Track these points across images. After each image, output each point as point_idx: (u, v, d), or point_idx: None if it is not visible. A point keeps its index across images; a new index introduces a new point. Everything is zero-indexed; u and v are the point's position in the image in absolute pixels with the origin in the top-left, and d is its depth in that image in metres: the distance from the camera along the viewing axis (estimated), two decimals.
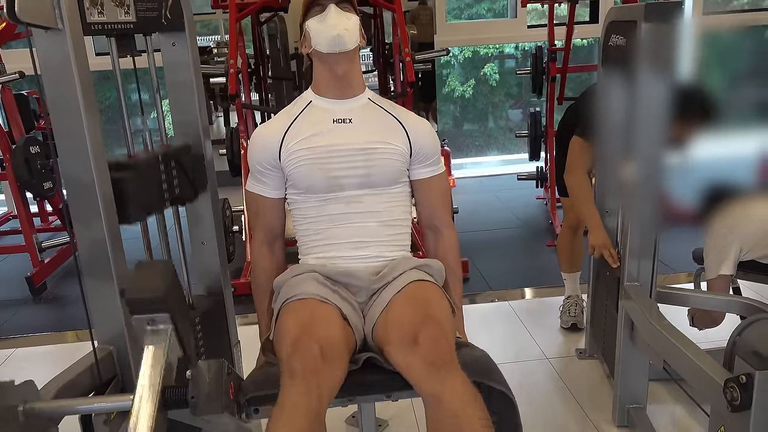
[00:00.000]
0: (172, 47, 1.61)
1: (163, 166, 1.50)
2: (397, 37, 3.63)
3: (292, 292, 1.43)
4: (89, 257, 1.33)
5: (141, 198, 1.40)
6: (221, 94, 4.03)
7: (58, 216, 4.08)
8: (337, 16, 1.48)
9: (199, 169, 1.64)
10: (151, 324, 1.07)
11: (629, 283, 1.84)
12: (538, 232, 4.01)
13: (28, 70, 3.41)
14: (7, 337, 2.94)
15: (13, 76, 3.23)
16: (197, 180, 1.63)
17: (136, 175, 1.39)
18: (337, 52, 1.48)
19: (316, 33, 1.49)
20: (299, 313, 1.35)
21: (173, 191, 1.54)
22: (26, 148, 3.12)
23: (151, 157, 1.47)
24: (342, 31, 1.47)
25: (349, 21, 1.49)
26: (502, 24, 5.68)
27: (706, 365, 1.38)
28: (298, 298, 1.40)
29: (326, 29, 1.47)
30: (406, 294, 1.40)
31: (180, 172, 1.55)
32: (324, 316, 1.35)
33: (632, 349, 1.88)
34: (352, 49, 1.50)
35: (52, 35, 1.21)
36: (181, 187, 1.56)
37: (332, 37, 1.47)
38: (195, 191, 1.63)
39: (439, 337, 1.25)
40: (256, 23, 4.25)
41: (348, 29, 1.48)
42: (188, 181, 1.59)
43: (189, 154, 1.60)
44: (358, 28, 1.52)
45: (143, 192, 1.41)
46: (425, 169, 1.59)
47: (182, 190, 1.57)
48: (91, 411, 1.18)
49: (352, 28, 1.49)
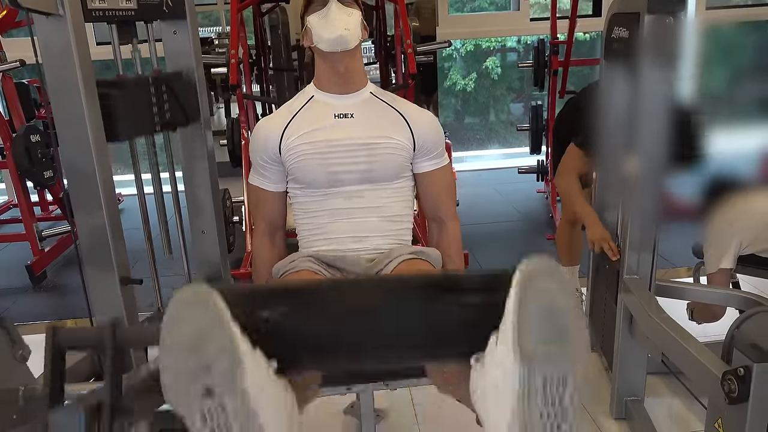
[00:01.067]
0: (174, 35, 1.60)
1: (154, 89, 1.48)
2: (399, 29, 3.61)
3: (288, 267, 1.46)
4: (90, 245, 1.34)
5: (130, 116, 1.38)
6: (222, 84, 4.01)
7: (58, 205, 4.08)
8: (338, 14, 1.46)
9: (190, 95, 1.61)
10: None
11: (629, 276, 1.84)
12: (539, 225, 4.01)
13: (28, 58, 3.39)
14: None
15: (14, 64, 3.22)
16: (188, 106, 1.59)
17: (125, 92, 1.37)
18: (339, 51, 1.48)
19: (318, 31, 1.48)
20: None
21: (164, 115, 1.51)
22: (27, 136, 3.11)
23: (142, 78, 1.46)
24: (343, 31, 1.46)
25: (350, 18, 1.47)
26: (505, 17, 5.66)
27: (704, 358, 1.39)
28: (293, 270, 1.43)
29: (327, 28, 1.46)
30: (399, 269, 1.41)
31: (171, 97, 1.53)
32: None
33: (631, 342, 1.88)
34: (353, 47, 1.49)
35: (53, 21, 1.20)
36: (172, 111, 1.54)
37: (334, 38, 1.46)
38: (186, 117, 1.59)
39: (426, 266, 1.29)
40: (257, 14, 4.23)
41: (349, 28, 1.47)
42: (179, 107, 1.55)
43: (180, 80, 1.58)
44: (360, 23, 1.50)
45: (132, 110, 1.40)
46: (429, 162, 1.59)
47: (173, 115, 1.54)
48: None
49: (354, 26, 1.48)
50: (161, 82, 1.49)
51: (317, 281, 1.16)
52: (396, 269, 1.42)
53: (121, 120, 1.34)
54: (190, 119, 1.60)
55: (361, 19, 1.51)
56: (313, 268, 1.42)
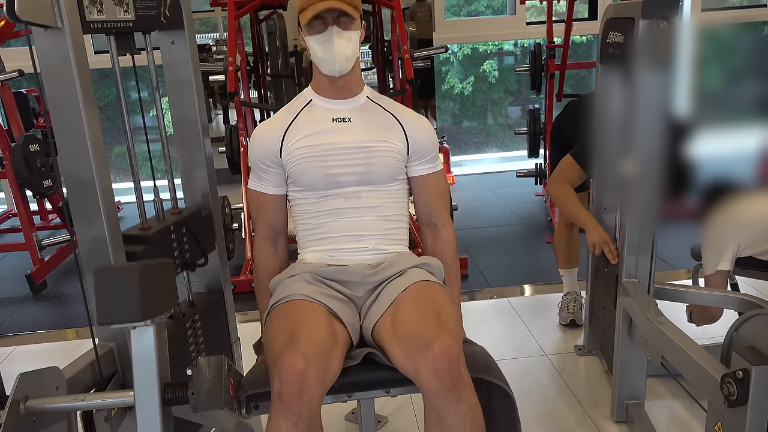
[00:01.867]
0: (172, 45, 1.62)
1: (175, 235, 1.57)
2: (396, 35, 3.63)
3: (282, 293, 1.44)
4: (89, 254, 1.34)
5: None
6: (220, 92, 4.03)
7: (57, 214, 4.08)
8: (338, 42, 1.46)
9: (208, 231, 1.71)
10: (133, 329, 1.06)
11: (627, 280, 1.85)
12: (537, 229, 4.02)
13: (27, 68, 3.41)
14: (7, 334, 2.94)
15: (13, 74, 3.23)
16: (206, 245, 1.69)
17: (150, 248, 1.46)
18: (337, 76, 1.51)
19: (316, 57, 1.49)
20: (285, 318, 1.35)
21: (184, 256, 1.61)
22: (26, 146, 3.12)
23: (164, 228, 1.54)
24: (342, 62, 1.48)
25: (349, 43, 1.48)
26: (501, 21, 5.68)
27: (703, 361, 1.39)
28: (284, 300, 1.41)
29: (327, 58, 1.48)
30: (413, 293, 1.39)
31: (191, 237, 1.63)
32: (310, 317, 1.34)
33: (630, 346, 1.89)
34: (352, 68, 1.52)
35: (51, 33, 1.21)
36: (192, 251, 1.64)
37: (332, 69, 1.49)
38: (205, 258, 1.69)
39: (452, 351, 1.22)
40: (254, 21, 4.25)
41: (348, 57, 1.49)
42: (198, 246, 1.65)
43: (199, 218, 1.67)
44: (359, 42, 1.51)
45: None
46: (422, 167, 1.60)
47: (192, 255, 1.64)
48: (92, 407, 1.19)
49: (353, 51, 1.49)
50: (181, 226, 1.59)
51: None
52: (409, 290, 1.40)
53: None
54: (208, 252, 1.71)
55: (360, 30, 1.51)
56: (308, 296, 1.40)
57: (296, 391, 1.18)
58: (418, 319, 1.30)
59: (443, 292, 1.45)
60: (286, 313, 1.37)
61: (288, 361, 1.20)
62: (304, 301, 1.38)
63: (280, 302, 1.41)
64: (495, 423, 1.37)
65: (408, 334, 1.28)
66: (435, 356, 1.21)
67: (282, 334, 1.29)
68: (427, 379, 1.22)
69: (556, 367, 2.33)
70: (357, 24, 1.50)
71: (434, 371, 1.21)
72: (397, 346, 1.28)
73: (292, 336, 1.27)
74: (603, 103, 2.10)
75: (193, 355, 1.63)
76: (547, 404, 2.11)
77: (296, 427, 1.18)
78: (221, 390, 1.06)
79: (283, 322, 1.34)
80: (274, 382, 1.21)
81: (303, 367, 1.19)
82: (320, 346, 1.25)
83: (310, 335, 1.27)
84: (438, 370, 1.21)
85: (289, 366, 1.19)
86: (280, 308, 1.40)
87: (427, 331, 1.25)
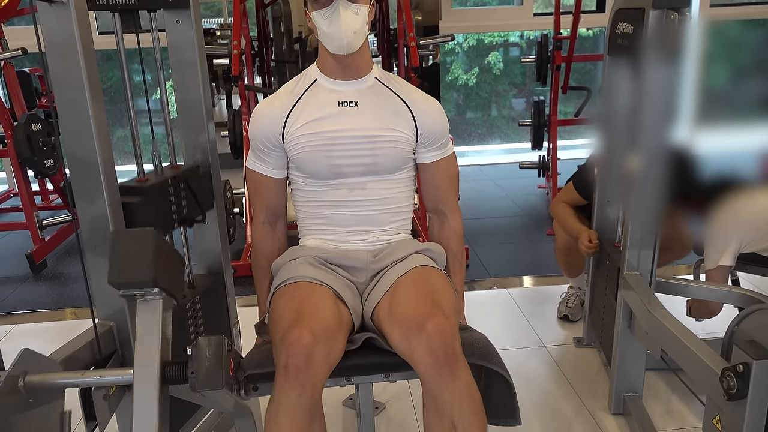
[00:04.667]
0: (177, 25, 1.60)
1: (173, 189, 1.54)
2: (402, 22, 3.61)
3: (286, 275, 1.43)
4: (91, 234, 1.34)
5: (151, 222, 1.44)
6: (224, 76, 4.01)
7: (59, 194, 4.08)
8: (344, 15, 1.38)
9: (206, 190, 1.68)
10: (140, 298, 1.07)
11: (629, 273, 1.84)
12: (539, 220, 4.01)
13: (30, 47, 3.40)
14: (7, 313, 2.95)
15: (16, 52, 3.21)
16: (204, 202, 1.66)
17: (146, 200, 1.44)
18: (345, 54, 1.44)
19: (322, 33, 1.42)
20: (292, 298, 1.35)
21: (182, 212, 1.58)
22: (28, 125, 3.11)
23: (161, 180, 1.51)
24: (350, 35, 1.40)
25: (356, 17, 1.40)
26: (508, 11, 5.64)
27: (703, 354, 1.39)
28: (291, 281, 1.40)
29: (333, 33, 1.40)
30: (411, 277, 1.39)
31: (189, 194, 1.59)
32: (317, 298, 1.34)
33: (630, 338, 1.89)
34: (360, 46, 1.45)
35: (56, 9, 1.20)
36: (190, 207, 1.60)
37: (340, 45, 1.41)
38: (203, 214, 1.66)
39: (446, 330, 1.23)
40: (260, 5, 4.22)
41: (356, 31, 1.41)
42: (196, 203, 1.62)
43: (198, 175, 1.64)
44: (367, 19, 1.43)
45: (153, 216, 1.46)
46: (432, 153, 1.55)
47: (190, 211, 1.61)
48: (91, 384, 1.18)
49: (361, 26, 1.41)
50: (179, 181, 1.55)
51: None
52: (408, 274, 1.40)
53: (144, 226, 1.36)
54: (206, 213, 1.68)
55: (369, 8, 1.44)
56: (313, 277, 1.39)
57: (303, 363, 1.19)
58: (414, 302, 1.31)
59: (442, 277, 1.45)
60: (294, 293, 1.37)
61: (296, 334, 1.21)
62: (311, 282, 1.38)
63: (286, 282, 1.40)
64: (494, 410, 1.37)
65: (404, 316, 1.28)
66: (429, 336, 1.22)
67: (289, 312, 1.29)
68: (421, 359, 1.22)
69: (555, 358, 2.33)
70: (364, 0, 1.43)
71: (429, 350, 1.22)
72: (394, 329, 1.28)
73: (300, 313, 1.27)
74: (609, 95, 2.09)
75: (192, 337, 1.63)
76: (544, 395, 2.11)
77: (300, 399, 1.18)
78: (221, 370, 1.06)
79: (290, 302, 1.34)
80: (280, 355, 1.22)
81: (310, 342, 1.20)
82: (327, 326, 1.26)
83: (316, 315, 1.27)
84: (432, 349, 1.21)
85: (296, 339, 1.20)
86: (287, 288, 1.39)
87: (421, 312, 1.26)
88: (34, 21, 1.19)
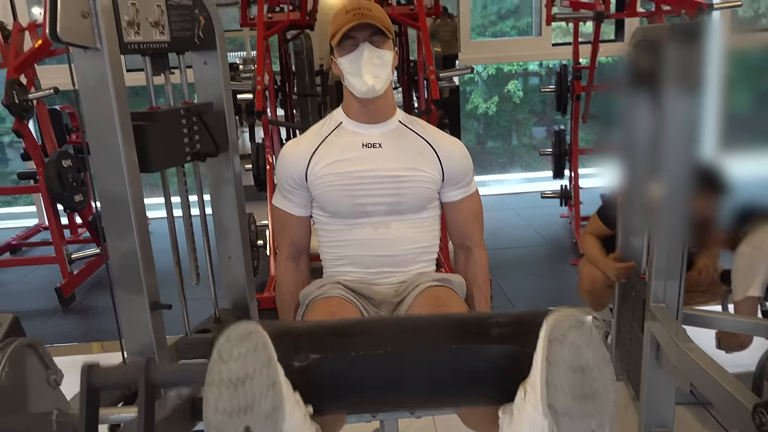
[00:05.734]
0: (204, 65, 1.65)
1: (185, 120, 1.50)
2: (422, 55, 3.66)
3: (318, 292, 1.47)
4: (120, 269, 1.36)
5: (163, 148, 1.42)
6: (247, 110, 4.10)
7: (87, 228, 4.16)
8: (369, 61, 1.42)
9: (220, 126, 1.63)
10: None
11: (655, 304, 1.82)
12: (562, 250, 3.98)
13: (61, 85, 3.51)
14: None
15: (48, 91, 3.32)
16: (218, 136, 1.61)
17: (158, 125, 1.40)
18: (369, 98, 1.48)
19: (348, 76, 1.46)
20: (326, 309, 1.38)
21: (194, 145, 1.54)
22: (59, 161, 3.19)
23: (174, 110, 1.48)
24: (374, 80, 1.44)
25: (381, 62, 1.44)
26: (527, 42, 5.69)
27: (734, 389, 1.36)
28: (324, 296, 1.43)
29: (358, 77, 1.44)
30: (423, 297, 1.42)
31: (201, 128, 1.55)
32: (347, 313, 1.36)
33: (658, 372, 1.85)
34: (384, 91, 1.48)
35: (90, 54, 1.25)
36: (203, 142, 1.56)
37: (364, 90, 1.45)
38: (216, 147, 1.60)
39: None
40: (282, 40, 4.32)
41: (380, 76, 1.44)
42: (210, 137, 1.57)
43: (211, 111, 1.60)
44: (392, 65, 1.47)
45: (165, 142, 1.43)
46: (457, 191, 1.57)
47: (203, 145, 1.56)
48: (120, 421, 1.19)
49: (385, 71, 1.45)
50: (192, 114, 1.52)
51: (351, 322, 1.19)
52: (420, 296, 1.42)
53: (154, 152, 1.38)
54: (220, 149, 1.63)
55: (394, 53, 1.48)
56: (344, 295, 1.42)
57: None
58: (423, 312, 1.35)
59: (458, 301, 1.45)
60: (326, 305, 1.39)
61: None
62: (341, 298, 1.41)
63: (320, 297, 1.43)
64: None
65: None
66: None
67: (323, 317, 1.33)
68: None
69: None
70: (390, 44, 1.46)
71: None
72: None
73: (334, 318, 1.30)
74: (630, 125, 2.09)
75: None
76: None
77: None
78: None
79: (323, 313, 1.36)
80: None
81: None
82: None
83: None
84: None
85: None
86: (319, 301, 1.42)
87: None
88: (69, 63, 1.24)
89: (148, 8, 1.36)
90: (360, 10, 1.43)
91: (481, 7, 6.68)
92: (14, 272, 4.03)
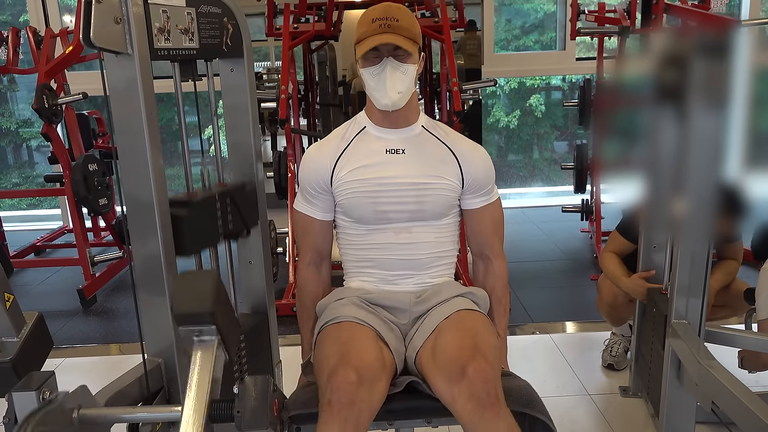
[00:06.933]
0: (231, 72, 1.67)
1: (219, 204, 1.57)
2: (445, 67, 3.67)
3: (331, 315, 1.46)
4: (143, 272, 1.38)
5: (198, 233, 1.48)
6: (270, 118, 4.15)
7: (110, 231, 4.22)
8: (392, 75, 1.43)
9: (251, 206, 1.70)
10: (198, 336, 1.10)
11: (677, 321, 1.80)
12: (582, 265, 3.95)
13: (90, 91, 3.58)
14: (57, 347, 3.03)
15: (78, 96, 3.39)
16: (249, 217, 1.69)
17: (195, 213, 1.46)
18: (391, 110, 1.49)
19: (370, 89, 1.47)
20: (336, 339, 1.37)
21: (227, 226, 1.61)
22: (85, 165, 3.25)
23: (209, 195, 1.54)
24: (395, 97, 1.45)
25: (404, 77, 1.44)
26: (551, 56, 5.69)
27: (757, 409, 1.34)
28: (335, 321, 1.42)
29: (380, 91, 1.45)
30: (454, 322, 1.40)
31: (234, 209, 1.62)
32: (360, 339, 1.35)
33: (679, 389, 1.83)
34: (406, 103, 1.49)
35: (121, 59, 1.28)
36: (235, 222, 1.63)
37: (386, 103, 1.46)
38: (247, 228, 1.69)
39: (487, 374, 1.23)
40: (307, 51, 4.36)
41: (402, 91, 1.45)
42: (241, 218, 1.65)
43: (244, 191, 1.67)
44: (415, 77, 1.47)
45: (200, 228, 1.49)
46: (478, 199, 1.56)
47: (235, 225, 1.63)
48: (139, 420, 1.21)
49: (406, 88, 1.46)
50: (226, 196, 1.59)
51: None
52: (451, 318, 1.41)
53: (190, 237, 1.43)
54: (250, 225, 1.71)
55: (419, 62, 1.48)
56: (357, 317, 1.41)
57: (347, 400, 1.21)
58: (457, 347, 1.31)
59: (485, 322, 1.44)
60: (338, 333, 1.39)
61: (342, 373, 1.24)
62: (354, 323, 1.40)
63: (331, 323, 1.43)
64: None
65: (446, 362, 1.29)
66: (470, 380, 1.23)
67: (335, 354, 1.31)
68: (462, 405, 1.23)
69: (600, 408, 2.26)
70: (414, 58, 1.46)
71: (469, 395, 1.22)
72: (437, 375, 1.29)
73: (344, 356, 1.29)
74: (654, 141, 2.07)
75: (236, 376, 1.65)
76: None
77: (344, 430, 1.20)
78: (266, 409, 1.07)
79: (335, 343, 1.36)
80: (325, 392, 1.24)
81: (355, 381, 1.22)
82: (371, 367, 1.28)
83: (361, 357, 1.29)
84: (473, 393, 1.22)
85: (342, 377, 1.23)
86: (331, 329, 1.41)
87: (463, 356, 1.27)
88: (101, 68, 1.26)
89: (178, 15, 1.39)
90: (387, 21, 1.42)
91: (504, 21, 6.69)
92: (38, 273, 4.10)
